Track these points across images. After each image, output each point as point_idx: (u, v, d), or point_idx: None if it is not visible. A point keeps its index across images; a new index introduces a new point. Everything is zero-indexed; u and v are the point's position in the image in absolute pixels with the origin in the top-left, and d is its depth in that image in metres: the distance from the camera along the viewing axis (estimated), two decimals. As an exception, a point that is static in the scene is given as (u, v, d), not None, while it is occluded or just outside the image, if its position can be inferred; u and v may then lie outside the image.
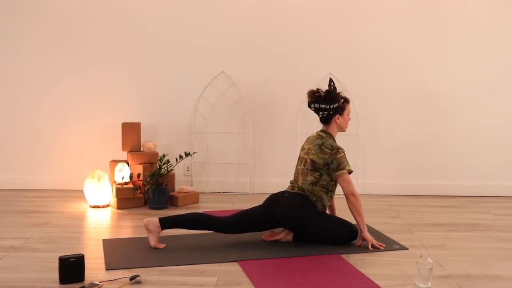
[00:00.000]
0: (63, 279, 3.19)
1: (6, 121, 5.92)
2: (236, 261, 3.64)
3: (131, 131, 5.42)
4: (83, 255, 3.26)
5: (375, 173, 5.91)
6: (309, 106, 4.11)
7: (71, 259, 3.21)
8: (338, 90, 4.18)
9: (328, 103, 4.06)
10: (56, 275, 3.34)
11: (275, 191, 4.83)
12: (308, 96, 4.10)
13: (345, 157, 4.01)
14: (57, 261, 3.58)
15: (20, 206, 5.14)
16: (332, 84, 4.13)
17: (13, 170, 5.95)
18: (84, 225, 4.52)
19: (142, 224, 4.58)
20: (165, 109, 5.89)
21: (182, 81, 5.87)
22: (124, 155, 5.83)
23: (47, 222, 4.59)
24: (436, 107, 5.85)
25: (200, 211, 5.05)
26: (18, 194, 5.64)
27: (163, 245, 3.92)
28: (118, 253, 3.79)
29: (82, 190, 5.82)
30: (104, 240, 4.09)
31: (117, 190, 5.14)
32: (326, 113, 4.08)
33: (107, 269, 3.46)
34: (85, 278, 3.28)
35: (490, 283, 3.30)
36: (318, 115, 4.12)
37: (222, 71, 5.84)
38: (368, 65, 5.82)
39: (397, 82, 5.83)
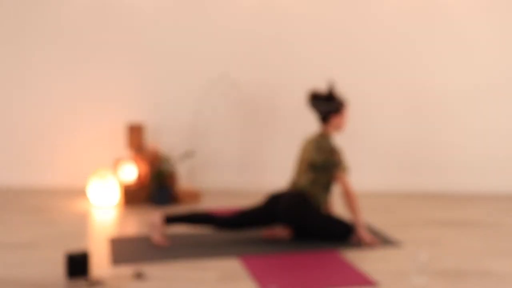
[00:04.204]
0: (69, 275, 3.29)
1: (11, 121, 6.01)
2: (236, 256, 3.76)
3: (135, 131, 5.52)
4: (89, 252, 3.35)
5: (370, 172, 5.99)
6: (309, 106, 4.22)
7: (77, 256, 3.30)
8: (337, 90, 4.28)
9: (327, 103, 4.18)
10: (62, 271, 3.45)
11: (275, 190, 4.92)
12: (308, 96, 4.23)
13: (342, 157, 4.13)
14: (63, 258, 3.68)
15: (26, 205, 5.22)
16: (331, 84, 4.24)
17: (18, 170, 6.03)
18: (89, 223, 4.62)
19: (146, 222, 4.69)
20: (168, 108, 5.98)
21: (184, 82, 5.96)
22: (128, 154, 5.93)
23: (53, 220, 4.68)
24: (430, 107, 5.93)
25: (202, 209, 5.15)
26: (23, 194, 5.71)
27: (167, 242, 4.04)
28: (123, 249, 3.90)
29: (87, 189, 5.92)
30: (108, 237, 4.20)
31: (122, 189, 5.25)
32: (324, 112, 4.19)
33: (112, 265, 3.57)
34: (91, 274, 3.38)
35: (483, 279, 3.39)
36: (317, 115, 4.24)
37: (224, 72, 5.93)
38: (365, 67, 5.91)
39: (392, 83, 5.92)
